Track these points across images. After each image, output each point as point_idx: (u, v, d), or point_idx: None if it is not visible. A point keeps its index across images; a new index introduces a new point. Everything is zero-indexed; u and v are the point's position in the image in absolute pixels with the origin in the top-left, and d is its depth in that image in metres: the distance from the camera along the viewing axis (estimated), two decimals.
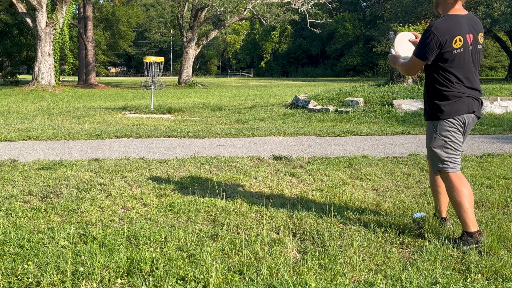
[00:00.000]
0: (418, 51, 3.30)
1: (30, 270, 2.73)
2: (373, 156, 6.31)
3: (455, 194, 3.23)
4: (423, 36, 3.27)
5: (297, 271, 2.78)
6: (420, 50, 3.27)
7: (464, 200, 3.19)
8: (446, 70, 3.25)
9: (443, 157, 3.30)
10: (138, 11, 54.41)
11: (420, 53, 3.27)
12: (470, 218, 3.19)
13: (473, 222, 3.19)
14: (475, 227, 3.19)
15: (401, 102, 11.76)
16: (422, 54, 3.25)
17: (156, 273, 2.69)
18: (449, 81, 3.26)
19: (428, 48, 3.22)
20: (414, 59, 3.32)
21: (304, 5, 34.80)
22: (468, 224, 3.18)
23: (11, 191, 4.48)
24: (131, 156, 6.36)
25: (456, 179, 3.26)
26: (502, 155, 6.30)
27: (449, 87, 3.26)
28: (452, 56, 3.21)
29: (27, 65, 47.58)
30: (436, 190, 3.59)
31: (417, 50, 3.31)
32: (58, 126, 9.74)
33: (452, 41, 3.18)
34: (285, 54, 74.72)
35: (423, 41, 3.25)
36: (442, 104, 3.28)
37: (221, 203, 4.11)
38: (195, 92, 26.19)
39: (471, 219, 3.19)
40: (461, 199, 3.20)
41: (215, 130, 8.83)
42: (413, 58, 3.34)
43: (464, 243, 3.15)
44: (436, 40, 3.18)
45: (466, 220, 3.19)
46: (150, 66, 13.90)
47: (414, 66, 3.36)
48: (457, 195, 3.22)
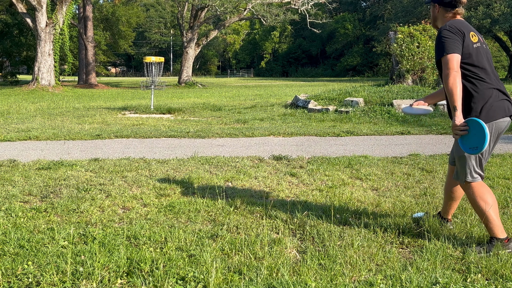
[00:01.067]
0: (446, 47, 3.00)
1: (30, 270, 2.73)
2: (373, 156, 6.31)
3: (480, 204, 3.07)
4: (441, 36, 3.04)
5: (297, 271, 2.78)
6: (448, 46, 3.00)
7: (490, 211, 3.04)
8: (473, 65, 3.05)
9: (476, 168, 3.08)
10: (138, 11, 54.40)
11: (450, 48, 2.99)
12: (497, 225, 3.07)
13: (501, 229, 3.08)
14: (503, 234, 3.08)
15: (401, 102, 11.76)
16: (452, 48, 2.99)
17: (156, 273, 2.69)
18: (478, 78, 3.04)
19: (453, 40, 3.00)
20: (450, 57, 2.97)
21: (304, 5, 34.80)
22: (496, 232, 3.07)
23: (11, 191, 4.47)
24: (131, 156, 6.36)
25: (479, 188, 3.09)
26: (502, 155, 6.30)
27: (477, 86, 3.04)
28: (474, 50, 3.05)
29: (27, 65, 47.55)
30: (450, 196, 3.46)
31: (444, 48, 3.00)
32: (58, 126, 9.74)
33: (469, 35, 3.05)
34: (285, 54, 74.72)
35: (444, 38, 3.01)
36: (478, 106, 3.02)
37: (221, 203, 4.11)
38: (195, 92, 26.19)
39: (498, 226, 3.07)
40: (486, 209, 3.04)
41: (215, 130, 8.83)
42: (447, 57, 2.98)
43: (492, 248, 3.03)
44: (455, 31, 3.02)
45: (493, 228, 3.07)
46: (150, 66, 13.90)
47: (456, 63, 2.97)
48: (482, 205, 3.06)
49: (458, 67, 2.98)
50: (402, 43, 13.95)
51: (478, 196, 3.07)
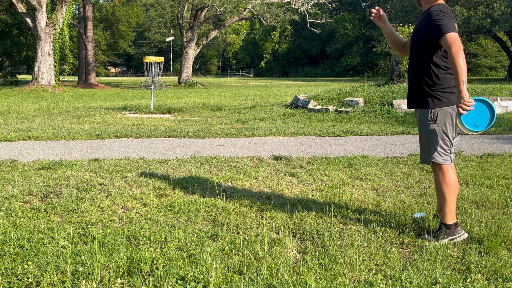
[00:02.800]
0: (448, 26, 3.05)
1: (30, 270, 2.73)
2: (373, 156, 6.31)
3: (444, 187, 3.25)
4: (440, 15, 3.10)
5: (297, 271, 2.78)
6: (450, 24, 3.05)
7: (450, 197, 3.24)
8: None
9: (445, 151, 3.25)
10: (138, 11, 54.38)
11: (452, 26, 3.06)
12: (451, 212, 3.27)
13: (453, 216, 3.28)
14: (453, 220, 3.28)
15: (401, 102, 11.76)
16: (453, 27, 3.06)
17: (156, 273, 2.69)
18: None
19: (453, 21, 3.08)
20: (454, 36, 3.03)
21: (304, 5, 34.80)
22: (447, 218, 3.27)
23: (11, 191, 4.47)
24: (131, 156, 6.36)
25: (448, 172, 3.25)
26: (502, 155, 6.30)
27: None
28: None
29: (27, 65, 47.56)
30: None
31: (446, 27, 3.05)
32: (58, 126, 9.74)
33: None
34: (285, 54, 74.71)
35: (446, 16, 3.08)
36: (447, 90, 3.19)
37: (221, 203, 4.11)
38: (195, 92, 26.19)
39: (451, 213, 3.27)
40: (448, 194, 3.24)
41: (215, 130, 8.83)
42: (451, 35, 3.03)
43: (441, 236, 3.23)
44: (452, 17, 3.11)
45: (447, 214, 3.27)
46: (150, 66, 13.90)
47: (459, 41, 3.05)
48: (445, 189, 3.25)
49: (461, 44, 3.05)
50: None
51: (445, 179, 3.24)
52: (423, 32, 3.24)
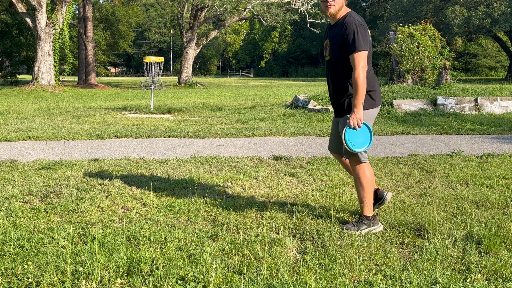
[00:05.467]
0: (360, 43, 3.30)
1: (30, 270, 2.73)
2: (373, 156, 6.31)
3: (364, 183, 3.52)
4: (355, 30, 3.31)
5: (297, 271, 2.78)
6: (363, 41, 3.31)
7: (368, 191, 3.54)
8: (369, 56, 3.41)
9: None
10: (138, 11, 54.33)
11: (364, 44, 3.31)
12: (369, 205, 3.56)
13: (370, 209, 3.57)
14: (371, 213, 3.55)
15: (401, 102, 11.76)
16: (365, 45, 3.31)
17: (156, 273, 2.69)
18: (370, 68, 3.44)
19: (366, 39, 3.33)
20: (363, 54, 3.31)
21: (304, 5, 34.77)
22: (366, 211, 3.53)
23: (11, 191, 4.47)
24: (131, 156, 6.36)
25: (367, 169, 3.53)
26: (502, 155, 6.30)
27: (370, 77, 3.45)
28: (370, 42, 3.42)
29: (27, 65, 47.55)
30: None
31: (359, 43, 3.29)
32: (58, 126, 9.74)
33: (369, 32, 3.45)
34: (285, 54, 74.71)
35: (359, 33, 3.31)
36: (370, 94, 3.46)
37: (221, 203, 4.11)
38: (195, 92, 26.19)
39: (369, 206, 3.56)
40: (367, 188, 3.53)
41: (215, 130, 8.83)
42: (361, 54, 3.30)
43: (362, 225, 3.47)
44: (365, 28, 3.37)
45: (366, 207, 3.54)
46: (150, 66, 13.90)
47: (366, 60, 3.33)
48: (365, 184, 3.52)
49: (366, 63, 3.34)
50: (402, 43, 13.95)
51: (364, 176, 3.52)
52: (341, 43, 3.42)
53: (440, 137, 8.25)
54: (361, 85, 3.28)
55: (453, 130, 8.87)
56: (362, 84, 3.28)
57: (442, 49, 14.37)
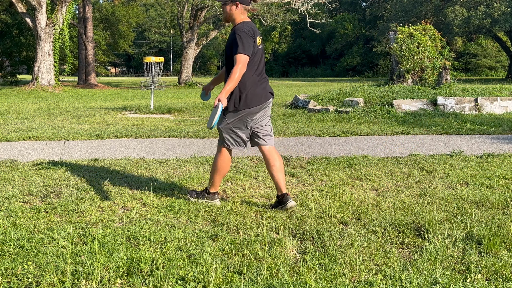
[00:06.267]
0: (244, 48, 3.72)
1: (30, 270, 2.73)
2: (373, 156, 6.31)
3: (219, 164, 4.05)
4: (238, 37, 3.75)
5: (297, 271, 2.78)
6: (246, 47, 3.73)
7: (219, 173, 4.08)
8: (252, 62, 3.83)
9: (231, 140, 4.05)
10: (138, 11, 54.33)
11: (247, 50, 3.74)
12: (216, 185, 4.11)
13: (216, 187, 4.12)
14: (215, 190, 4.13)
15: (401, 102, 11.77)
16: (248, 51, 3.75)
17: (156, 273, 2.69)
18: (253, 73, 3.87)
19: (250, 45, 3.76)
20: (244, 58, 3.73)
21: (304, 5, 34.77)
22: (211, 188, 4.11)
23: (11, 191, 4.47)
24: (131, 156, 6.36)
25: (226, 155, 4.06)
26: (502, 155, 6.30)
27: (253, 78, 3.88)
28: (256, 51, 3.85)
29: (27, 65, 47.55)
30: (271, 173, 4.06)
31: (242, 48, 3.72)
32: (58, 126, 9.74)
33: (257, 39, 3.86)
34: (285, 54, 74.72)
35: (243, 40, 3.73)
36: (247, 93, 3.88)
37: (221, 203, 4.11)
38: (195, 92, 26.19)
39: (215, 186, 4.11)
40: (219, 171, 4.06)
41: (215, 130, 8.82)
42: (242, 57, 3.72)
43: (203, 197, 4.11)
44: (251, 36, 3.78)
45: (212, 185, 4.09)
46: (150, 66, 13.90)
47: (245, 64, 3.75)
48: (219, 166, 4.05)
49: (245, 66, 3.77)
50: (402, 43, 13.95)
51: (222, 159, 4.04)
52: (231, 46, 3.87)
53: (440, 137, 8.25)
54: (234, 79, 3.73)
55: (453, 130, 8.88)
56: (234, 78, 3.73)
57: (442, 49, 14.37)
